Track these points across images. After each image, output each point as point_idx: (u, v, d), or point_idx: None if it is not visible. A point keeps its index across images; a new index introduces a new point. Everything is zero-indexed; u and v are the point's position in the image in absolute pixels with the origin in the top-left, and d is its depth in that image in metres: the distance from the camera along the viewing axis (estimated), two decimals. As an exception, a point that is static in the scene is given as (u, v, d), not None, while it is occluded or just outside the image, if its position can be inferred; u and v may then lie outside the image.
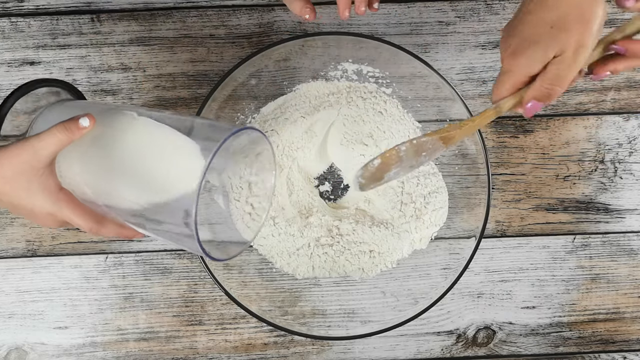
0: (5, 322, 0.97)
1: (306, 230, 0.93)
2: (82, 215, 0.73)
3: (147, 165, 0.71)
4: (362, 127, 0.94)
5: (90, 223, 0.73)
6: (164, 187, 0.70)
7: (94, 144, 0.72)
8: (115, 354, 0.97)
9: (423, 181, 0.95)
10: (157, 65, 0.96)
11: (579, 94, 0.98)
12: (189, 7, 0.96)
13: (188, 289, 0.97)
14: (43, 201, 0.71)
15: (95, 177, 0.72)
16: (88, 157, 0.73)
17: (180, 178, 0.69)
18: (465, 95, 0.97)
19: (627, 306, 0.99)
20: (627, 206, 0.99)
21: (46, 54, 0.95)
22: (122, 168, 0.71)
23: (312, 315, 0.95)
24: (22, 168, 0.69)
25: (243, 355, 0.98)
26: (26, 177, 0.70)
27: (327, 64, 0.95)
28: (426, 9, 0.97)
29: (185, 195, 0.68)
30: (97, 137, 0.72)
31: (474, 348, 0.99)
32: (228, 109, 0.94)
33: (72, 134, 0.70)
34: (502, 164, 0.98)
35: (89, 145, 0.72)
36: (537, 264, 0.98)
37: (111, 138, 0.72)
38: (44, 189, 0.71)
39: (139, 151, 0.71)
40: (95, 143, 0.72)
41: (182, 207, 0.69)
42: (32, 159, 0.69)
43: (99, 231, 0.74)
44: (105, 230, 0.74)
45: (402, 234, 0.94)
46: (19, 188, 0.70)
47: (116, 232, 0.75)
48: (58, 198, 0.72)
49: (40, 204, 0.71)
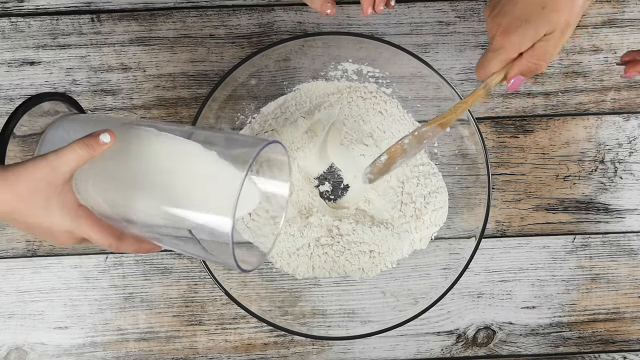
0: (5, 322, 0.97)
1: (306, 230, 0.93)
2: (102, 232, 0.71)
3: (176, 181, 0.70)
4: (362, 127, 0.94)
5: (110, 239, 0.72)
6: (194, 201, 0.70)
7: (116, 160, 0.71)
8: (115, 354, 0.97)
9: (423, 181, 0.95)
10: (157, 65, 0.96)
11: (579, 94, 0.98)
12: (189, 7, 0.96)
13: (188, 289, 0.97)
14: (62, 218, 0.70)
15: (117, 193, 0.72)
16: (110, 173, 0.72)
17: (212, 194, 0.69)
18: (465, 95, 0.97)
19: (627, 306, 0.99)
20: (627, 206, 0.98)
21: (46, 54, 0.95)
22: (149, 184, 0.70)
23: (312, 315, 0.95)
24: (39, 185, 0.67)
25: (243, 355, 0.98)
26: (43, 194, 0.68)
27: (327, 64, 0.95)
28: (426, 9, 0.97)
29: (219, 210, 0.68)
30: (118, 152, 0.71)
31: (474, 348, 0.99)
32: (228, 109, 0.94)
33: (93, 151, 0.68)
34: (502, 164, 0.98)
35: (109, 160, 0.71)
36: (537, 264, 0.98)
37: (134, 153, 0.71)
38: (63, 206, 0.69)
39: (166, 167, 0.71)
40: (116, 158, 0.71)
41: (215, 223, 0.69)
42: (50, 175, 0.67)
43: (118, 247, 0.73)
44: (125, 245, 0.73)
45: (402, 234, 0.94)
46: (36, 206, 0.68)
47: (135, 246, 0.74)
48: (77, 215, 0.70)
49: (58, 222, 0.70)
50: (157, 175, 0.71)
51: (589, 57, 0.98)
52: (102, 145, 0.69)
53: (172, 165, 0.71)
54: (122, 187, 0.72)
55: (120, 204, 0.72)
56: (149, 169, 0.71)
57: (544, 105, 0.98)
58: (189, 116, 0.96)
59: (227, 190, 0.68)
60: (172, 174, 0.71)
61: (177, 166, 0.71)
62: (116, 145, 0.70)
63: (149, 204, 0.71)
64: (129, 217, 0.72)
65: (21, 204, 0.67)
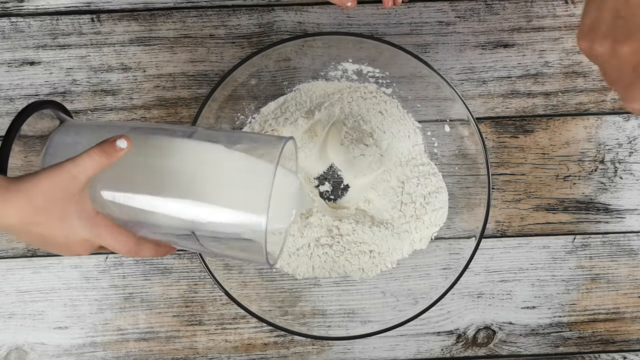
0: (5, 322, 0.97)
1: (306, 230, 0.93)
2: (121, 238, 0.70)
3: (201, 179, 0.70)
4: (362, 127, 0.94)
5: (129, 245, 0.70)
6: (223, 199, 0.70)
7: (135, 164, 0.71)
8: (115, 354, 0.97)
9: (423, 181, 0.95)
10: (157, 65, 0.96)
11: (579, 94, 0.98)
12: (189, 7, 0.96)
13: (188, 289, 0.97)
14: (80, 228, 0.68)
15: (138, 198, 0.71)
16: (129, 178, 0.71)
17: (242, 189, 0.69)
18: (465, 95, 0.97)
19: (627, 306, 0.99)
20: (627, 206, 0.99)
21: (46, 54, 0.95)
22: (174, 187, 0.70)
23: (312, 315, 0.95)
24: (57, 196, 0.65)
25: (243, 355, 0.98)
26: (60, 205, 0.66)
27: (327, 64, 0.95)
28: (426, 9, 0.97)
29: (247, 209, 0.69)
30: (136, 156, 0.71)
31: (474, 348, 0.99)
32: (228, 109, 0.94)
33: (110, 157, 0.67)
34: (502, 164, 0.98)
35: (126, 165, 0.71)
36: (537, 264, 0.98)
37: (154, 158, 0.71)
38: (80, 215, 0.67)
39: (190, 168, 0.71)
40: (135, 163, 0.71)
41: (244, 223, 0.69)
42: (68, 184, 0.65)
43: (137, 253, 0.71)
44: (144, 251, 0.72)
45: (402, 234, 0.94)
46: (53, 217, 0.66)
47: (153, 251, 0.72)
48: (96, 223, 0.68)
49: (76, 232, 0.68)
50: (181, 176, 0.70)
51: (589, 57, 0.98)
52: (119, 152, 0.67)
53: (196, 166, 0.71)
54: (143, 191, 0.71)
55: (141, 209, 0.71)
56: (172, 172, 0.71)
57: (544, 105, 0.98)
58: (189, 116, 0.96)
59: (259, 184, 0.68)
60: (197, 173, 0.70)
61: (201, 166, 0.71)
62: (132, 150, 0.69)
63: (174, 206, 0.70)
64: (151, 222, 0.71)
65: (38, 215, 0.65)
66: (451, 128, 0.95)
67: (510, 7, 0.97)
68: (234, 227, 0.70)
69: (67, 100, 0.96)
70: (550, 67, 0.97)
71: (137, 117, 0.96)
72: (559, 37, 0.97)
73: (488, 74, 0.97)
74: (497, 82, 0.98)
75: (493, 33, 0.97)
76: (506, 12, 0.97)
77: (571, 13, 0.97)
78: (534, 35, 0.97)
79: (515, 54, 0.97)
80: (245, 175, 0.71)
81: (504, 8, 0.97)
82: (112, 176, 0.71)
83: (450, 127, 0.95)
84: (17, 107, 0.95)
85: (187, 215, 0.70)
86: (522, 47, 0.97)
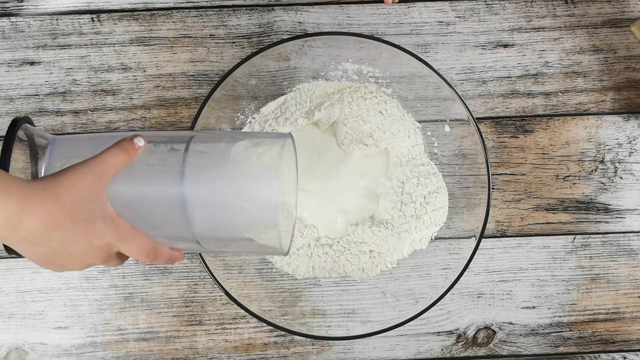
0: (5, 322, 0.97)
1: (306, 230, 0.93)
2: (142, 243, 0.67)
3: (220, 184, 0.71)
4: (362, 127, 0.94)
5: (148, 251, 0.68)
6: (240, 196, 0.70)
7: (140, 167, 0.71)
8: (115, 354, 0.97)
9: (423, 181, 0.95)
10: (157, 65, 0.96)
11: (579, 94, 0.98)
12: (189, 7, 0.96)
13: (188, 289, 0.97)
14: (106, 229, 0.65)
15: (146, 200, 0.70)
16: (146, 180, 0.70)
17: (257, 195, 0.70)
18: (465, 95, 0.97)
19: (627, 306, 0.99)
20: (627, 206, 0.99)
21: (46, 54, 0.95)
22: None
23: (312, 315, 0.95)
24: (83, 195, 0.62)
25: (243, 355, 0.98)
26: (87, 205, 0.63)
27: (327, 64, 0.95)
28: (426, 9, 0.97)
29: (264, 208, 0.70)
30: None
31: (474, 348, 0.99)
32: (228, 109, 0.94)
33: (130, 155, 0.66)
34: (502, 164, 0.98)
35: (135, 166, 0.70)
36: (537, 264, 0.98)
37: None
38: (104, 217, 0.64)
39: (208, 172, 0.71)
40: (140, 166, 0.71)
41: (261, 221, 0.71)
42: (95, 183, 0.63)
43: (155, 259, 0.68)
44: (160, 258, 0.69)
45: (402, 234, 0.94)
46: (80, 219, 0.63)
47: (168, 256, 0.70)
48: (118, 225, 0.65)
49: (101, 234, 0.64)
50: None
51: (589, 57, 0.98)
52: (137, 150, 0.67)
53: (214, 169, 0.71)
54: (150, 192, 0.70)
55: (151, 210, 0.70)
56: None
57: (544, 105, 0.98)
58: (189, 116, 0.96)
59: (263, 187, 0.69)
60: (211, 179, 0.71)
61: (215, 172, 0.71)
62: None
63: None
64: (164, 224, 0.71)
65: (65, 217, 0.62)
66: (451, 128, 0.95)
67: (510, 7, 0.97)
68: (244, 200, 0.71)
69: (67, 100, 0.96)
70: (550, 67, 0.98)
71: (137, 117, 0.96)
72: (559, 37, 0.97)
73: (488, 74, 0.97)
74: (497, 82, 0.98)
75: (493, 33, 0.97)
76: (506, 12, 0.97)
77: (571, 13, 0.97)
78: (534, 35, 0.97)
79: (515, 54, 0.97)
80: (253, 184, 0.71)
81: (504, 8, 0.97)
82: (127, 177, 0.70)
83: (450, 127, 0.95)
84: (17, 107, 0.95)
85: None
86: (522, 47, 0.97)
